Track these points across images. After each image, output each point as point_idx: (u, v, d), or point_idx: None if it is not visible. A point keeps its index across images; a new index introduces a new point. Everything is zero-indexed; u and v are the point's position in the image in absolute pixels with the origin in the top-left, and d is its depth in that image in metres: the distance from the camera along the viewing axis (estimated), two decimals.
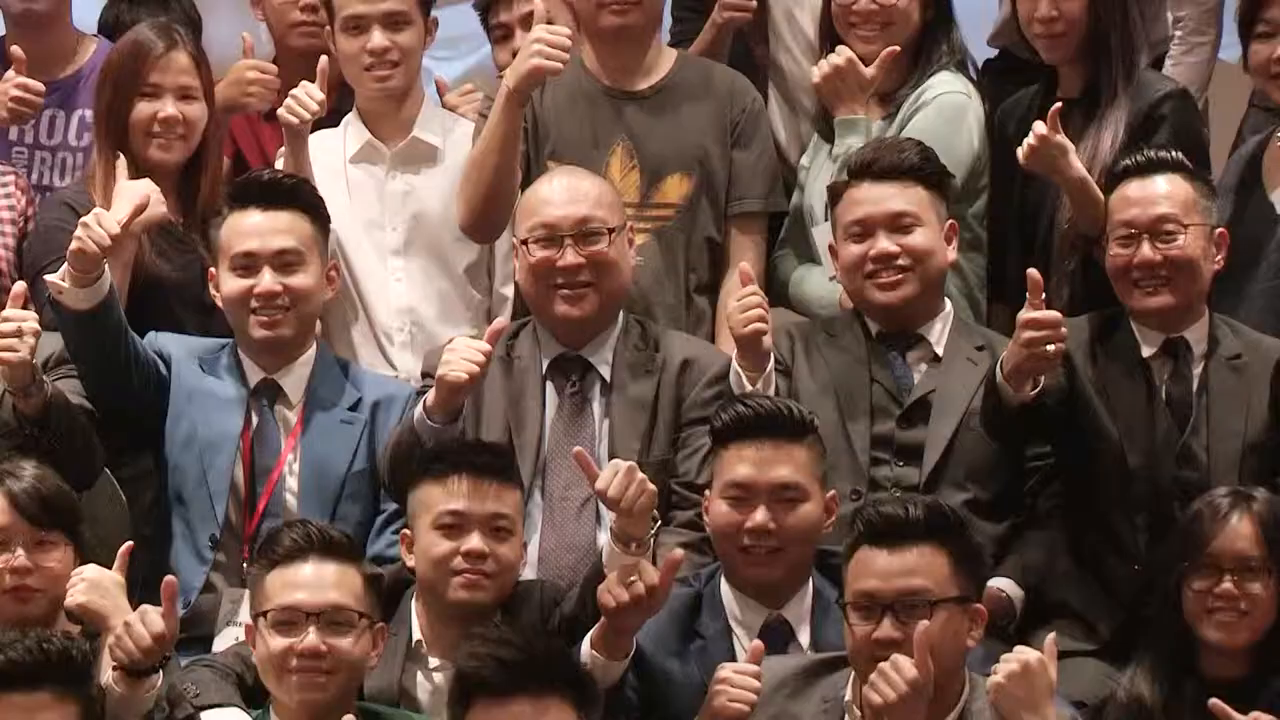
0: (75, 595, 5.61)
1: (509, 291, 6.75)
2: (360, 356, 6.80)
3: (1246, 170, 6.78)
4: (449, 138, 7.02)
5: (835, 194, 6.51)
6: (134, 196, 6.37)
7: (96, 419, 6.30)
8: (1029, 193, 6.81)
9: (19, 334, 6.00)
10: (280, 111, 6.82)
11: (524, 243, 6.39)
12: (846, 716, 5.39)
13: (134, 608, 5.47)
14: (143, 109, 6.75)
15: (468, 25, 7.99)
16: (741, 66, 7.12)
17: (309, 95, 6.75)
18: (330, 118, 6.98)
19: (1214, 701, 5.29)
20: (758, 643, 5.60)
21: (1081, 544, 6.29)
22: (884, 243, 6.30)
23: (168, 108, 6.78)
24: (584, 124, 6.83)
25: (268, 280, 6.33)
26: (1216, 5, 7.41)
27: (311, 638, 5.40)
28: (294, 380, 6.43)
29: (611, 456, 6.05)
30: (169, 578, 5.55)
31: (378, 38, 6.86)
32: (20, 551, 5.68)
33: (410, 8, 6.93)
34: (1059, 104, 6.63)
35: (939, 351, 6.41)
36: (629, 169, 6.76)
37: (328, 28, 7.02)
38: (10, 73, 7.08)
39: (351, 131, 7.03)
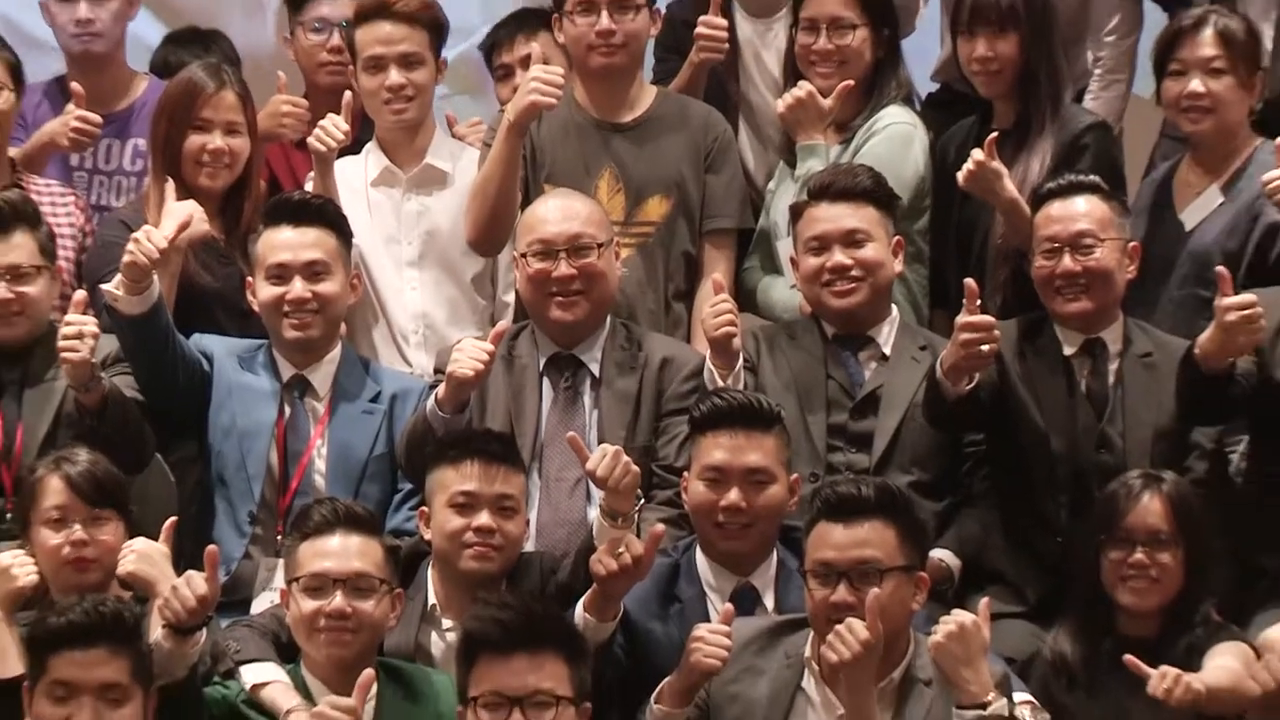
0: (126, 565, 5.58)
1: (510, 298, 6.74)
2: (380, 355, 6.78)
3: (1158, 192, 6.79)
4: (458, 164, 7.00)
5: (796, 213, 6.49)
6: (180, 216, 6.37)
7: (147, 410, 6.26)
8: (966, 212, 6.79)
9: (80, 336, 5.98)
10: (310, 140, 6.81)
11: (523, 256, 6.38)
12: (806, 671, 5.37)
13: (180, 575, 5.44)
14: (194, 141, 6.71)
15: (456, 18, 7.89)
16: (715, 101, 7.10)
17: (335, 126, 6.74)
18: (353, 146, 6.94)
19: (1128, 657, 5.29)
20: (729, 606, 5.58)
21: (1011, 520, 6.26)
22: (839, 256, 6.29)
23: (216, 140, 6.75)
24: (575, 152, 6.81)
25: (298, 288, 6.30)
26: (1131, 47, 7.40)
27: (338, 601, 5.39)
28: (322, 376, 6.40)
29: (600, 442, 6.02)
30: (211, 547, 5.50)
31: (394, 76, 6.84)
32: (78, 527, 5.65)
33: (423, 49, 6.91)
34: (994, 134, 6.64)
35: (887, 351, 6.40)
36: (615, 191, 6.74)
37: (351, 67, 7.01)
38: (71, 106, 7.03)
39: (372, 158, 7.01)
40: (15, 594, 5.51)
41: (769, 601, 5.81)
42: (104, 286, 6.25)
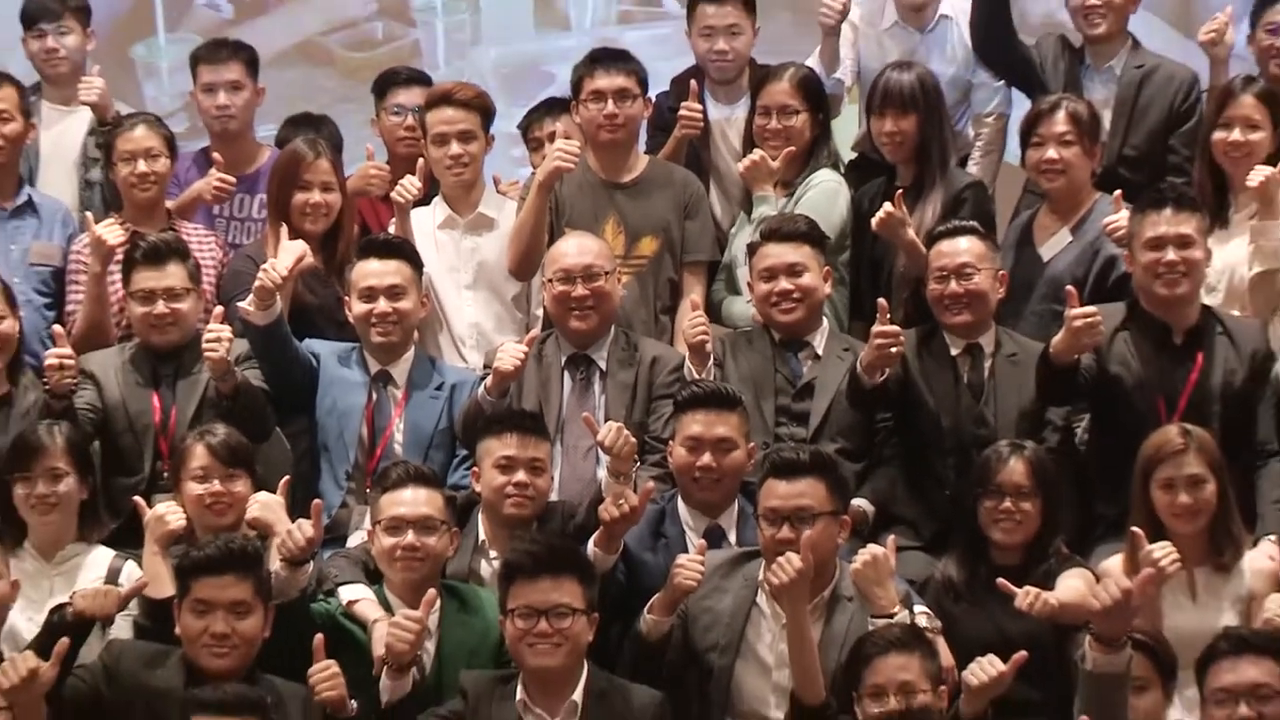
0: (252, 512, 5.66)
1: (540, 313, 6.72)
2: (443, 354, 6.77)
3: (1022, 233, 6.81)
4: (501, 212, 7.00)
5: (752, 250, 6.50)
6: (294, 252, 6.41)
7: (269, 395, 6.30)
8: (877, 248, 6.79)
9: (219, 340, 6.08)
10: (392, 195, 6.84)
11: (550, 280, 6.43)
12: (760, 590, 5.42)
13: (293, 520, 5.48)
14: (299, 197, 6.72)
15: None
16: (692, 166, 7.11)
17: (410, 184, 6.78)
18: (424, 199, 6.95)
19: (1000, 580, 5.27)
20: (702, 541, 5.64)
21: (912, 477, 6.27)
22: (783, 283, 6.32)
23: (315, 196, 6.76)
24: (588, 204, 6.83)
25: (382, 305, 6.34)
26: (1004, 125, 7.41)
27: (410, 537, 5.44)
28: (400, 370, 6.42)
29: (606, 420, 6.08)
30: (316, 500, 5.56)
31: (454, 148, 6.84)
32: (216, 483, 5.72)
33: (476, 128, 6.91)
34: (899, 190, 6.68)
35: (819, 352, 6.42)
36: (617, 233, 6.77)
37: (422, 140, 6.98)
38: (213, 170, 7.05)
39: (438, 208, 7.00)
40: (169, 535, 5.56)
41: (732, 538, 5.84)
42: (239, 304, 6.31)
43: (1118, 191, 6.60)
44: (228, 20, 9.52)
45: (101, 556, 5.81)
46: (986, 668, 4.91)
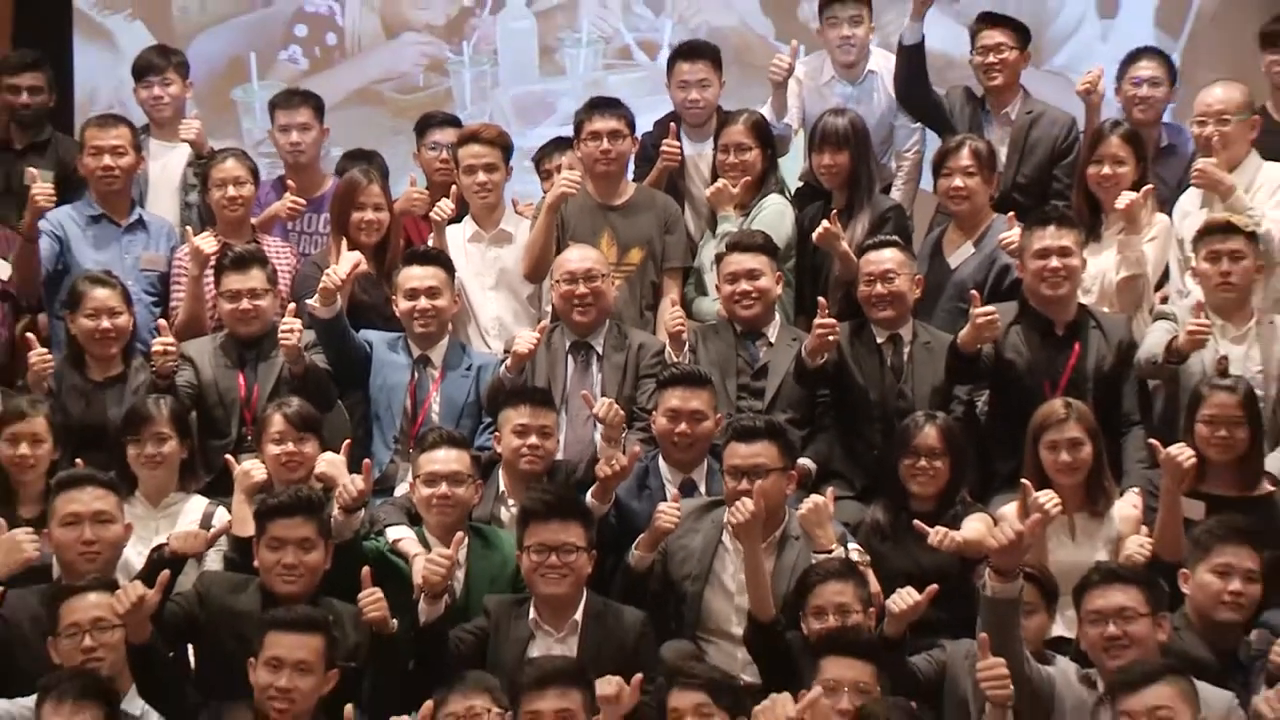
0: (319, 468, 5.65)
1: (549, 308, 6.63)
2: (472, 342, 6.70)
3: (934, 246, 6.76)
4: (518, 228, 6.91)
5: (718, 259, 6.47)
6: (352, 260, 6.34)
7: (332, 375, 6.24)
8: (816, 258, 6.73)
9: (291, 330, 6.06)
10: (431, 214, 6.76)
11: (557, 282, 6.40)
12: (724, 530, 5.41)
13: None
14: (356, 215, 6.66)
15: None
16: (671, 191, 7.04)
17: (445, 206, 6.73)
18: (457, 218, 6.89)
19: (916, 523, 5.28)
20: (676, 492, 5.66)
21: (846, 441, 6.22)
22: (744, 285, 6.28)
23: (368, 215, 6.69)
24: (587, 222, 6.78)
25: (423, 302, 6.30)
26: (920, 160, 7.35)
27: (443, 488, 5.44)
28: (437, 354, 6.36)
29: (602, 395, 6.09)
30: (366, 460, 5.57)
31: (481, 176, 6.79)
32: (290, 444, 5.67)
33: (498, 161, 6.87)
34: (835, 211, 6.63)
35: (772, 340, 6.36)
36: (611, 245, 6.70)
37: (455, 170, 6.93)
38: (287, 195, 7.00)
39: (467, 225, 6.94)
40: (253, 486, 5.52)
41: (702, 489, 5.81)
42: (308, 302, 6.27)
43: (1011, 213, 6.56)
44: (303, 71, 9.52)
45: (197, 504, 5.79)
46: (906, 596, 4.89)
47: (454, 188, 6.98)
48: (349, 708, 4.46)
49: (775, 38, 9.13)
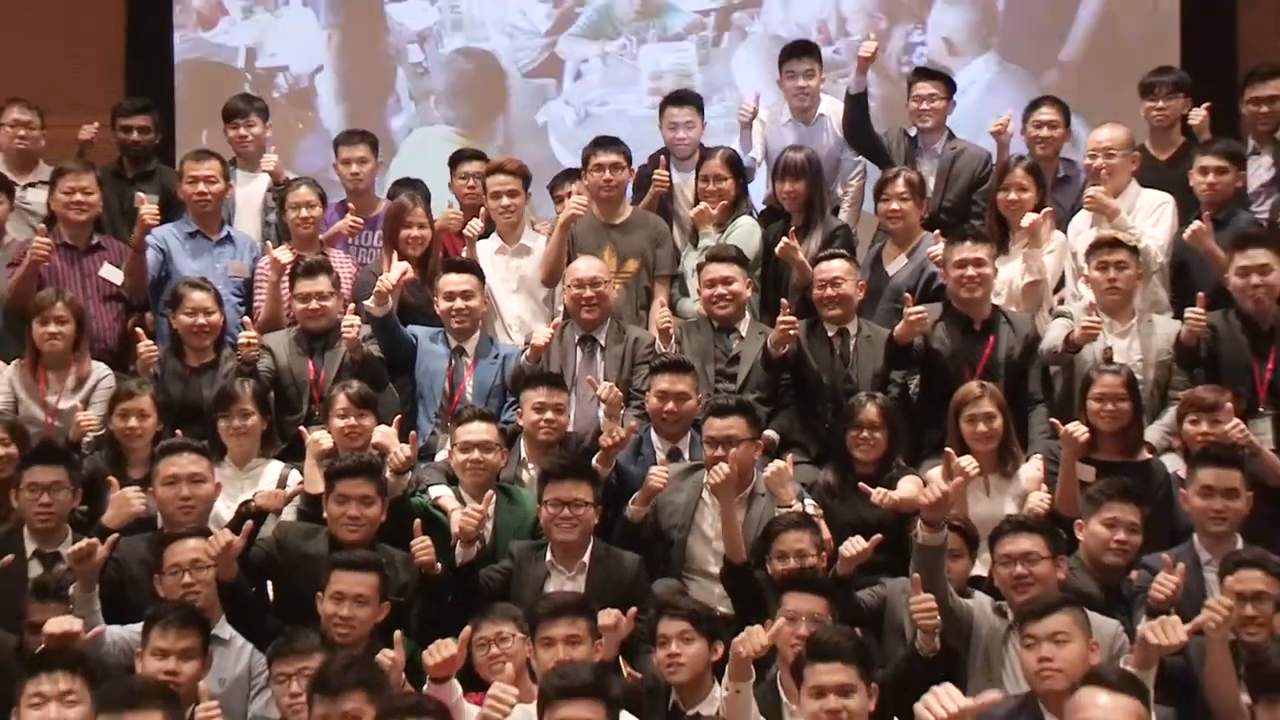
0: (375, 438, 5.63)
1: (561, 309, 6.58)
2: (499, 336, 6.64)
3: (874, 258, 6.75)
4: (536, 243, 6.87)
5: (699, 267, 6.43)
6: (400, 269, 6.32)
7: (385, 361, 6.21)
8: (779, 267, 6.66)
9: (352, 325, 6.05)
10: (464, 231, 6.76)
11: (568, 287, 6.36)
12: (704, 489, 5.39)
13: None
14: (404, 233, 6.62)
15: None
16: (661, 212, 6.99)
17: (475, 225, 6.72)
18: (486, 234, 6.86)
19: (860, 484, 5.28)
20: (664, 457, 5.70)
21: (803, 416, 6.17)
22: (720, 289, 6.24)
23: (414, 232, 6.65)
24: (592, 238, 6.71)
25: (458, 304, 6.26)
26: (862, 186, 7.31)
27: (475, 455, 5.45)
28: (470, 346, 6.31)
29: (604, 379, 6.01)
30: (412, 432, 5.58)
31: (505, 200, 6.77)
32: (352, 419, 5.63)
33: (518, 188, 6.84)
34: (794, 229, 6.59)
35: (743, 334, 6.30)
36: (612, 256, 6.65)
37: (483, 195, 6.93)
38: (349, 216, 6.96)
39: (494, 240, 6.89)
40: (322, 453, 5.47)
41: (686, 456, 5.75)
42: (365, 303, 6.23)
43: (937, 230, 6.56)
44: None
45: (275, 467, 5.77)
46: (855, 544, 4.89)
47: (483, 209, 6.96)
48: (399, 634, 4.44)
49: None
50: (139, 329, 6.46)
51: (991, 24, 8.99)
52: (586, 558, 5.17)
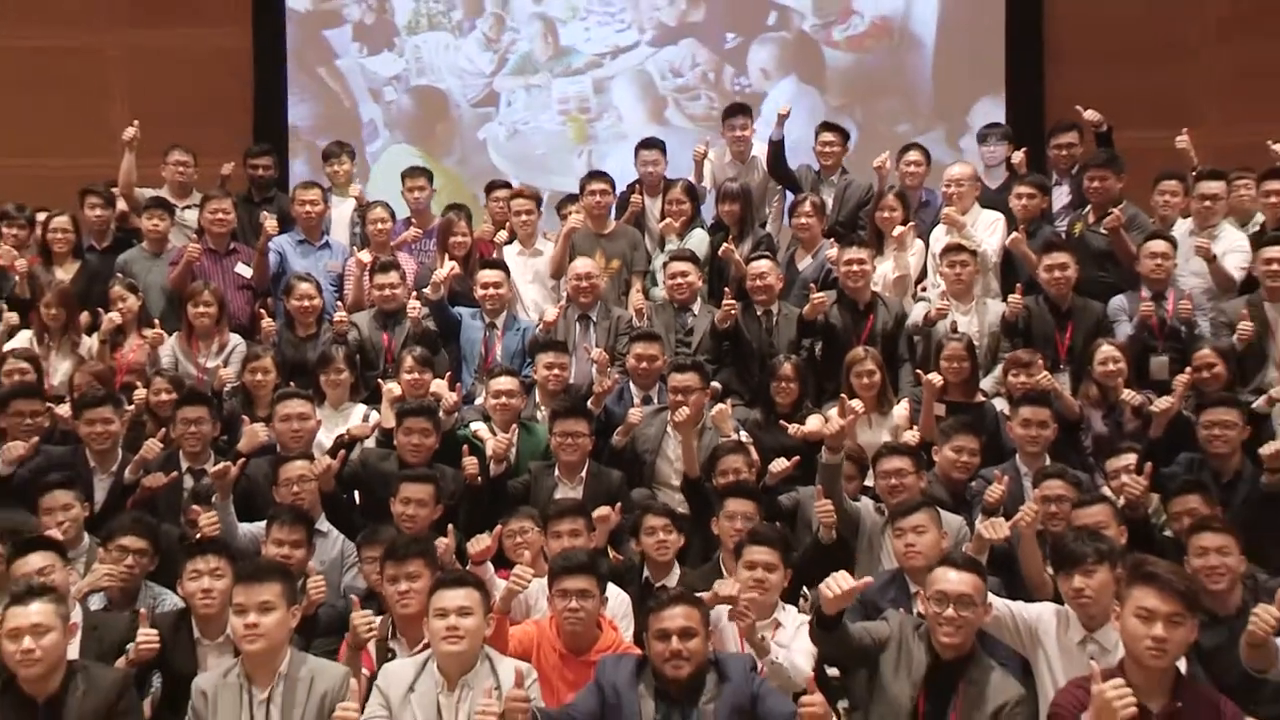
0: (433, 389, 5.52)
1: (564, 294, 6.37)
2: (520, 315, 6.45)
3: (790, 258, 6.64)
4: (546, 247, 6.74)
5: (665, 265, 6.32)
6: (449, 267, 6.21)
7: (438, 333, 6.10)
8: (722, 265, 6.50)
9: (416, 307, 6.00)
10: (495, 239, 6.74)
11: (570, 280, 6.24)
12: (669, 425, 5.32)
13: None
14: (451, 240, 6.53)
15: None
16: (637, 226, 6.84)
17: (503, 236, 6.70)
18: (509, 241, 6.79)
19: (780, 421, 5.26)
20: (639, 402, 5.60)
21: (739, 372, 6.03)
22: (679, 280, 6.12)
23: (458, 239, 6.55)
24: (588, 244, 6.57)
25: (490, 291, 6.14)
26: (782, 207, 7.14)
27: (503, 399, 5.39)
28: (500, 321, 6.17)
29: (596, 346, 5.95)
30: (459, 384, 5.58)
31: (524, 217, 6.73)
32: (416, 374, 5.53)
33: (533, 207, 6.81)
34: (732, 238, 6.48)
35: (696, 313, 6.15)
36: (601, 257, 6.50)
37: (508, 213, 6.87)
38: (412, 228, 6.87)
39: (516, 245, 6.75)
40: (394, 399, 5.41)
41: (655, 400, 5.64)
42: (424, 291, 6.14)
43: (833, 239, 6.49)
44: None
45: (360, 409, 5.67)
46: (779, 464, 4.93)
47: (508, 223, 6.86)
48: (450, 527, 4.40)
49: None
50: (263, 310, 6.41)
51: (839, 80, 8.67)
52: (584, 473, 5.13)
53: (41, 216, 6.72)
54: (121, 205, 6.98)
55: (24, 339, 5.98)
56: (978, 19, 8.48)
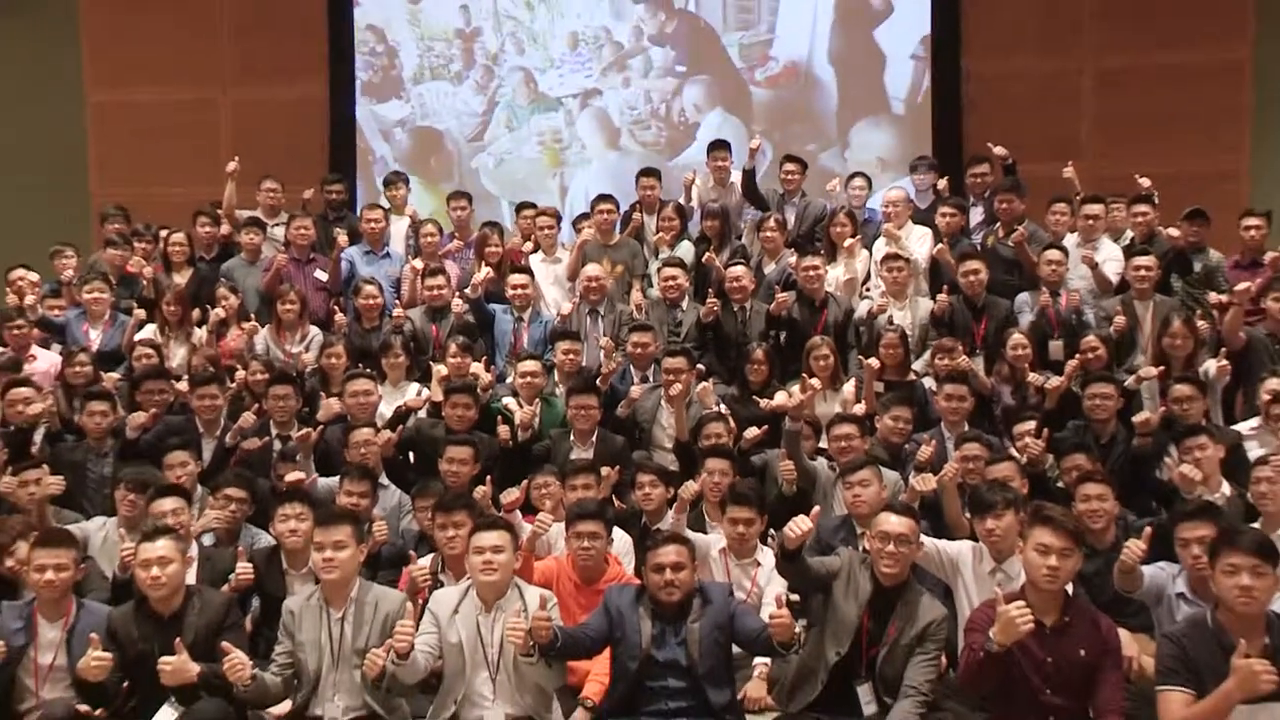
0: (472, 369, 5.45)
1: (578, 294, 6.24)
2: (542, 310, 6.33)
3: (758, 264, 6.50)
4: (565, 255, 6.63)
5: (659, 270, 6.21)
6: (485, 273, 6.13)
7: (477, 325, 6.02)
8: (705, 270, 6.42)
9: (458, 304, 5.93)
10: (522, 249, 6.61)
11: (582, 281, 6.13)
12: (663, 399, 5.25)
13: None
14: (487, 250, 6.44)
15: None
16: (637, 239, 6.74)
17: (529, 246, 6.57)
18: (534, 251, 6.69)
19: (754, 396, 5.21)
20: (638, 380, 5.50)
21: (720, 356, 5.91)
22: (671, 282, 6.04)
23: (492, 248, 6.48)
24: (596, 252, 6.46)
25: (519, 291, 6.06)
26: (753, 223, 6.92)
27: (528, 379, 5.31)
28: (526, 315, 6.08)
29: (603, 336, 5.85)
30: (493, 366, 5.59)
31: (546, 231, 6.61)
32: (459, 359, 5.45)
33: (554, 224, 6.68)
34: (713, 248, 6.41)
35: (684, 309, 6.04)
36: (608, 264, 6.38)
37: (534, 227, 6.71)
38: (456, 240, 6.80)
39: (540, 254, 6.63)
40: (442, 378, 5.32)
41: (651, 379, 5.54)
42: (464, 291, 6.08)
43: (793, 249, 6.38)
44: None
45: (414, 386, 5.58)
46: (752, 431, 4.87)
47: (533, 236, 6.77)
48: (488, 479, 4.37)
49: None
50: (336, 307, 6.36)
51: (761, 110, 8.50)
52: (594, 439, 5.06)
53: (163, 233, 6.84)
54: (225, 224, 6.96)
55: (150, 331, 6.04)
56: (892, 65, 8.42)
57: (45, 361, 5.74)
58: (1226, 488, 4.22)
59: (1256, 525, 3.72)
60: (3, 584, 3.80)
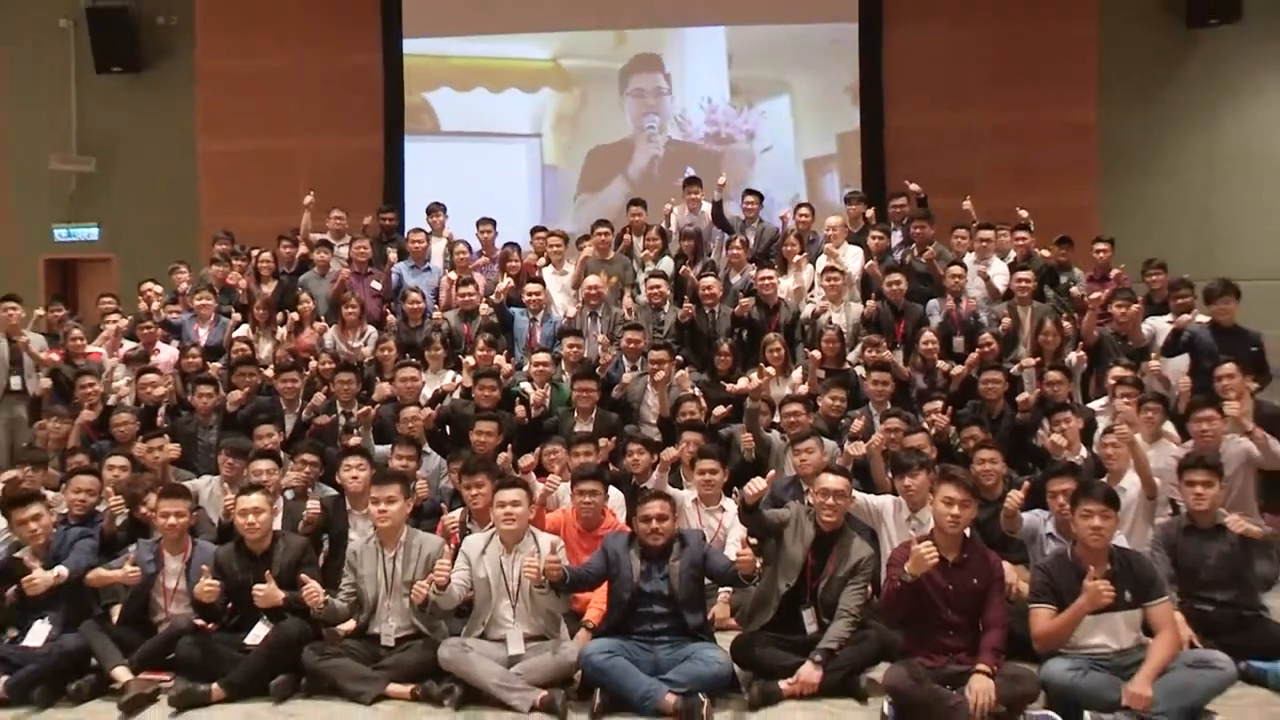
0: (495, 360, 5.40)
1: (581, 299, 6.19)
2: (552, 314, 6.22)
3: (726, 276, 6.41)
4: (572, 268, 6.54)
5: (646, 280, 6.15)
6: (506, 283, 6.08)
7: (499, 324, 5.95)
8: (682, 280, 6.29)
9: (485, 308, 5.85)
10: (537, 263, 6.50)
11: (584, 289, 6.06)
12: (650, 385, 5.20)
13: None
14: (508, 265, 6.40)
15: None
16: (628, 255, 6.71)
17: (541, 261, 6.48)
18: (546, 264, 6.61)
19: (721, 381, 5.17)
20: (629, 369, 5.44)
21: (695, 349, 5.81)
22: (655, 290, 5.97)
23: (513, 264, 6.40)
24: (596, 267, 6.38)
25: (533, 297, 6.00)
26: (721, 243, 6.88)
27: (541, 368, 5.24)
28: (540, 316, 6.01)
29: (601, 334, 5.81)
30: (513, 358, 5.45)
31: (555, 248, 6.56)
32: (485, 351, 5.41)
33: (563, 243, 6.61)
34: (689, 262, 6.34)
35: (666, 311, 5.96)
36: (605, 275, 6.29)
37: (545, 245, 6.64)
38: (483, 257, 6.72)
39: (550, 267, 6.57)
40: (471, 369, 5.24)
41: (639, 367, 5.49)
42: (490, 298, 6.03)
43: (754, 263, 6.31)
44: None
45: (450, 373, 5.52)
46: (719, 410, 4.85)
47: (545, 252, 6.69)
48: (510, 446, 4.38)
49: None
50: (388, 310, 6.31)
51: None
52: (593, 415, 5.04)
53: (254, 253, 6.88)
54: (302, 245, 6.94)
55: (244, 330, 6.08)
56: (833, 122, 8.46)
57: (167, 354, 5.87)
58: (1084, 451, 4.37)
59: (1104, 480, 3.85)
60: (138, 526, 4.01)
